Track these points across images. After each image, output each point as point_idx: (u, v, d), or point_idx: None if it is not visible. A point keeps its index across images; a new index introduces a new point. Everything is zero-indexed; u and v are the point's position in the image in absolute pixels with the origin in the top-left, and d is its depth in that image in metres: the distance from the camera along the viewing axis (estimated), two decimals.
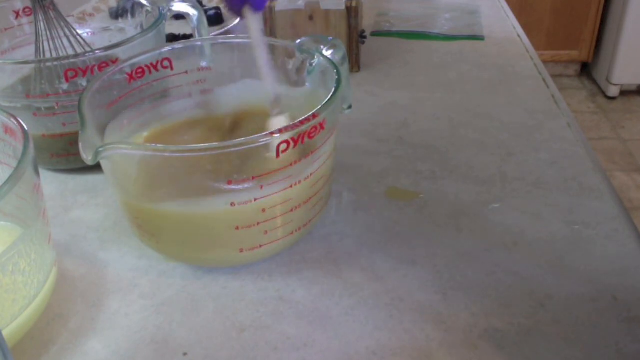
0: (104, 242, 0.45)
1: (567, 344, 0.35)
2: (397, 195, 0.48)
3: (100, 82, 0.41)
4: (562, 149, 0.53)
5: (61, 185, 0.51)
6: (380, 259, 0.42)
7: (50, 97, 0.47)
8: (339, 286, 0.40)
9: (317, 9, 0.65)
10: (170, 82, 0.46)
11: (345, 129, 0.57)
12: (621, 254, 0.41)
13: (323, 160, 0.39)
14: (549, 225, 0.44)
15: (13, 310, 0.34)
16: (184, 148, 0.35)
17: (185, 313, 0.38)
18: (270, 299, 0.39)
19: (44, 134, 0.49)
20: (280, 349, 0.36)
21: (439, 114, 0.60)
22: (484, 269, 0.41)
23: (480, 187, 0.49)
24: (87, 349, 0.36)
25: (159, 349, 0.36)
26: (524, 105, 0.61)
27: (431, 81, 0.67)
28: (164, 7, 0.54)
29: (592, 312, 0.37)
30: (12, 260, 0.33)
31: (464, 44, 0.75)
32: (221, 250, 0.39)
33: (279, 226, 0.39)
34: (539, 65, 0.70)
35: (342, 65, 0.42)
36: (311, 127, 0.35)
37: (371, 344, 0.36)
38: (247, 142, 0.35)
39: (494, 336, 0.36)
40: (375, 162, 0.52)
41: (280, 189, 0.37)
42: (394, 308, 0.38)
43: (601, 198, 0.47)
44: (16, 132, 0.35)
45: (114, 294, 0.40)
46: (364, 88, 0.66)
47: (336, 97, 0.37)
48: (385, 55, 0.74)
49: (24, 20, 0.57)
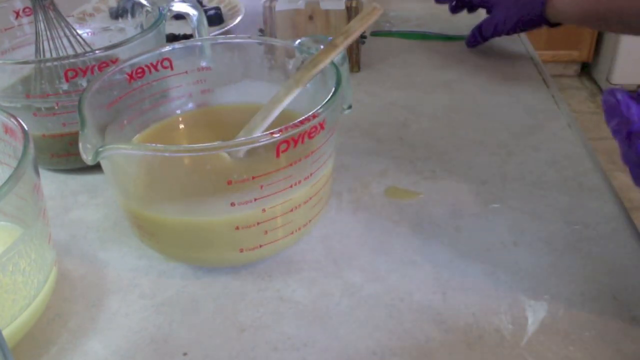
0: (104, 242, 0.45)
1: (567, 344, 0.35)
2: (397, 195, 0.48)
3: (100, 82, 0.41)
4: (562, 149, 0.53)
5: (61, 185, 0.51)
6: (380, 259, 0.42)
7: (50, 97, 0.47)
8: (339, 286, 0.40)
9: (317, 9, 0.65)
10: (170, 82, 0.46)
11: (345, 129, 0.57)
12: (621, 254, 0.41)
13: (323, 160, 0.39)
14: (549, 225, 0.44)
15: (13, 310, 0.34)
16: (184, 148, 0.35)
17: (185, 313, 0.38)
18: (270, 299, 0.39)
19: (44, 134, 0.49)
20: (280, 349, 0.36)
21: (439, 114, 0.60)
22: (484, 269, 0.41)
23: (480, 187, 0.49)
24: (87, 349, 0.36)
25: (159, 349, 0.36)
26: (524, 105, 0.61)
27: (431, 81, 0.67)
28: (164, 7, 0.54)
29: (592, 312, 0.37)
30: (12, 260, 0.33)
31: (463, 44, 0.75)
32: (221, 250, 0.39)
33: (279, 226, 0.39)
34: (539, 65, 0.70)
35: (342, 65, 0.42)
36: (311, 127, 0.35)
37: (371, 344, 0.36)
38: (247, 142, 0.35)
39: (494, 336, 0.36)
40: (375, 162, 0.52)
41: (280, 189, 0.37)
42: (394, 308, 0.38)
43: (601, 198, 0.47)
44: (16, 132, 0.35)
45: (114, 294, 0.40)
46: (364, 88, 0.66)
47: (336, 97, 0.37)
48: (385, 55, 0.74)
49: (24, 20, 0.57)
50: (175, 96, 0.47)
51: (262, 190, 0.36)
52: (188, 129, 0.47)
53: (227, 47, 0.47)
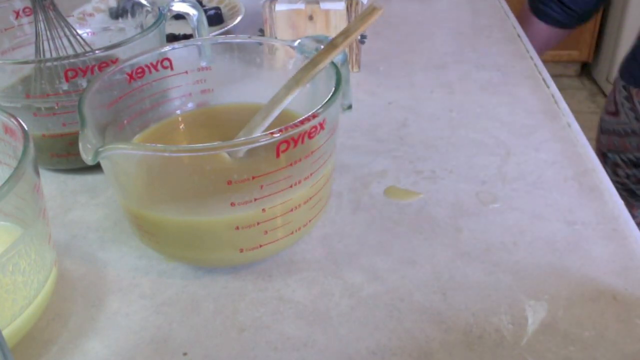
0: (104, 242, 0.45)
1: (567, 344, 0.35)
2: (397, 195, 0.48)
3: (100, 82, 0.41)
4: (562, 149, 0.53)
5: (61, 185, 0.51)
6: (380, 259, 0.42)
7: (50, 97, 0.47)
8: (339, 286, 0.40)
9: (317, 9, 0.65)
10: (170, 82, 0.46)
11: (345, 129, 0.57)
12: (621, 254, 0.41)
13: (323, 160, 0.39)
14: (549, 225, 0.44)
15: (13, 310, 0.34)
16: (184, 148, 0.35)
17: (185, 313, 0.38)
18: (270, 299, 0.39)
19: (44, 134, 0.49)
20: (280, 349, 0.36)
21: (439, 114, 0.60)
22: (484, 269, 0.41)
23: (480, 187, 0.49)
24: (87, 349, 0.36)
25: (159, 349, 0.36)
26: (524, 105, 0.61)
27: (431, 81, 0.67)
28: (164, 7, 0.54)
29: (592, 312, 0.37)
30: (12, 260, 0.33)
31: (464, 44, 0.75)
32: (221, 250, 0.39)
33: (279, 226, 0.39)
34: (539, 65, 0.70)
35: (342, 65, 0.42)
36: (311, 127, 0.35)
37: (371, 344, 0.36)
38: (247, 142, 0.35)
39: (494, 336, 0.36)
40: (375, 162, 0.52)
41: (280, 189, 0.37)
42: (394, 308, 0.38)
43: (601, 198, 0.47)
44: (16, 132, 0.35)
45: (114, 294, 0.40)
46: (364, 88, 0.66)
47: (336, 97, 0.37)
48: (385, 55, 0.74)
49: (24, 20, 0.57)
50: (175, 96, 0.47)
51: (262, 190, 0.36)
52: (188, 129, 0.48)
53: (227, 47, 0.47)
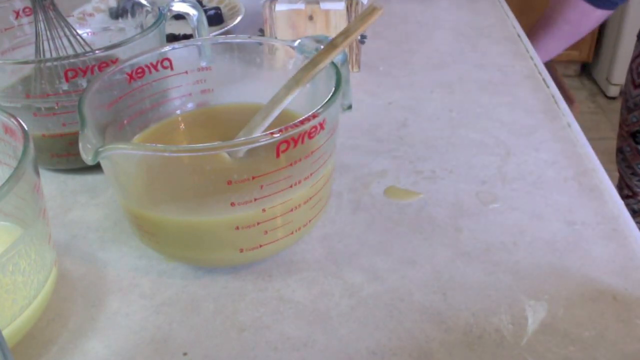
0: (104, 242, 0.45)
1: (567, 344, 0.35)
2: (397, 195, 0.48)
3: (100, 82, 0.41)
4: (562, 149, 0.53)
5: (61, 185, 0.51)
6: (380, 259, 0.42)
7: (50, 97, 0.47)
8: (339, 286, 0.40)
9: (317, 9, 0.65)
10: (170, 82, 0.46)
11: (345, 129, 0.57)
12: (621, 254, 0.41)
13: (323, 160, 0.39)
14: (549, 225, 0.44)
15: (13, 310, 0.34)
16: (184, 148, 0.35)
17: (185, 313, 0.38)
18: (270, 299, 0.39)
19: (44, 134, 0.49)
20: (280, 349, 0.36)
21: (439, 114, 0.60)
22: (484, 269, 0.41)
23: (480, 187, 0.49)
24: (87, 349, 0.36)
25: (159, 349, 0.36)
26: (524, 105, 0.61)
27: (431, 81, 0.67)
28: (164, 7, 0.54)
29: (592, 312, 0.37)
30: (12, 260, 0.33)
31: (464, 44, 0.75)
32: (221, 250, 0.39)
33: (279, 226, 0.39)
34: (539, 65, 0.70)
35: (342, 65, 0.42)
36: (311, 127, 0.35)
37: (371, 344, 0.36)
38: (247, 142, 0.35)
39: (494, 336, 0.36)
40: (375, 162, 0.52)
41: (280, 189, 0.37)
42: (394, 308, 0.38)
43: (601, 198, 0.47)
44: (16, 132, 0.35)
45: (114, 294, 0.40)
46: (364, 88, 0.66)
47: (336, 97, 0.37)
48: (385, 55, 0.74)
49: (24, 20, 0.57)
50: (175, 96, 0.47)
51: (262, 190, 0.36)
52: (188, 129, 0.47)
53: (227, 47, 0.47)
